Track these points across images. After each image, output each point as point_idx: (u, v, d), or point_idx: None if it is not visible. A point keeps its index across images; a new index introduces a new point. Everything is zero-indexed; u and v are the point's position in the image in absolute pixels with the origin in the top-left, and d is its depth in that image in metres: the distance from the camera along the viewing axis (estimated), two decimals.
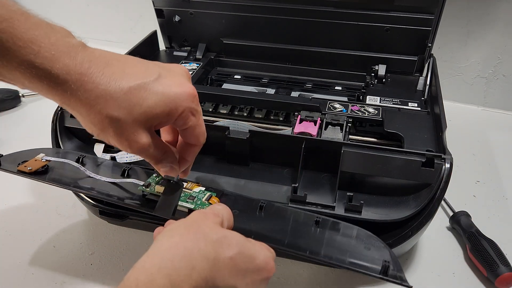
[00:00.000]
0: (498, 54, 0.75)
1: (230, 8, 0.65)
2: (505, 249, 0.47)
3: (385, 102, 0.56)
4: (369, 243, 0.36)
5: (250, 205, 0.39)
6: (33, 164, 0.42)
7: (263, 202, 0.39)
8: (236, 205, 0.38)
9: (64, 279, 0.47)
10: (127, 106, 0.30)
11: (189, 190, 0.39)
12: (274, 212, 0.39)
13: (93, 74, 0.29)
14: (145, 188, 0.39)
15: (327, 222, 0.38)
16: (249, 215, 0.38)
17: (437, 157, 0.41)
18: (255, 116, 0.57)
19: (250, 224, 0.37)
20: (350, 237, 0.37)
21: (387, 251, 0.35)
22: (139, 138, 0.31)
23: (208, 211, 0.32)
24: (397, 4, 0.59)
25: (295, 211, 0.39)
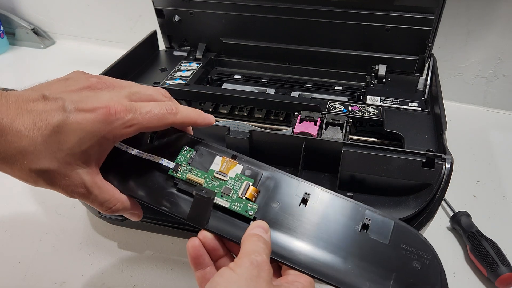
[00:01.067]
0: (499, 54, 0.75)
1: (230, 8, 0.65)
2: (505, 249, 0.47)
3: (385, 102, 0.56)
4: (420, 256, 0.32)
5: (291, 195, 0.35)
6: None
7: (307, 193, 0.35)
8: (275, 193, 0.35)
9: (64, 279, 0.47)
10: (48, 154, 0.28)
11: (223, 177, 0.35)
12: (317, 206, 0.34)
13: (5, 130, 0.27)
14: (176, 174, 0.35)
15: (377, 223, 0.33)
16: (288, 212, 0.34)
17: (438, 157, 0.41)
18: (255, 116, 0.57)
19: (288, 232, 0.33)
20: (400, 247, 0.33)
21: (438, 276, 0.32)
22: (75, 179, 0.30)
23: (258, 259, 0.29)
24: (398, 4, 0.59)
25: (343, 203, 0.35)
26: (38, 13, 1.03)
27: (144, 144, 0.36)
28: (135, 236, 0.52)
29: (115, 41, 1.01)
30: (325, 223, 0.34)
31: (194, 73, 0.63)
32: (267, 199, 0.35)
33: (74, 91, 0.30)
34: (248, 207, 0.34)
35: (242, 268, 0.28)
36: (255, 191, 0.35)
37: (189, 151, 0.36)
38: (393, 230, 0.33)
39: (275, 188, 0.35)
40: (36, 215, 0.55)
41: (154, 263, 0.48)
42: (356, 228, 0.33)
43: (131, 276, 0.47)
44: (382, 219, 0.34)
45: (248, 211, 0.33)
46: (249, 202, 0.34)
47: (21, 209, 0.56)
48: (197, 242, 0.32)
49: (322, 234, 0.33)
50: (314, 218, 0.34)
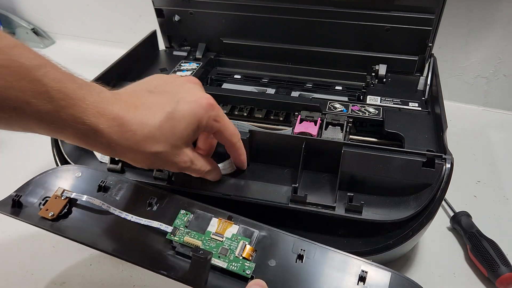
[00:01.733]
0: (499, 54, 0.75)
1: (230, 7, 0.65)
2: (505, 249, 0.47)
3: (385, 102, 0.56)
4: None
5: (287, 252, 0.36)
6: (54, 205, 0.39)
7: (302, 249, 0.35)
8: (271, 251, 0.36)
9: (63, 280, 0.47)
10: (164, 139, 0.34)
11: (220, 238, 0.36)
12: (313, 261, 0.35)
13: (128, 123, 0.33)
14: (173, 237, 0.36)
15: (373, 276, 0.34)
16: (285, 268, 0.35)
17: (438, 157, 0.41)
18: (255, 116, 0.56)
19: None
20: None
21: None
22: (182, 158, 0.36)
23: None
24: (398, 4, 0.59)
25: (339, 258, 0.35)
26: (38, 13, 1.03)
27: (142, 209, 0.39)
28: None
29: (115, 41, 1.00)
30: (323, 279, 0.34)
31: (194, 73, 0.63)
32: (264, 257, 0.35)
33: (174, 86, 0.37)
34: (245, 266, 0.34)
35: None
36: (252, 250, 0.35)
37: (186, 214, 0.38)
38: (391, 281, 0.34)
39: (271, 246, 0.36)
40: None
41: None
42: (353, 282, 0.34)
43: (131, 276, 0.47)
44: (378, 271, 0.34)
45: (245, 270, 0.34)
46: (246, 261, 0.35)
47: None
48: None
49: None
50: (311, 274, 0.34)
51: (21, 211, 0.40)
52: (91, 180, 0.42)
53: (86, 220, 0.39)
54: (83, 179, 0.42)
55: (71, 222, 0.39)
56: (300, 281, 0.34)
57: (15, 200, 0.40)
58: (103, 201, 0.39)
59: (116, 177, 0.42)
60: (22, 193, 0.41)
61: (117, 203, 0.40)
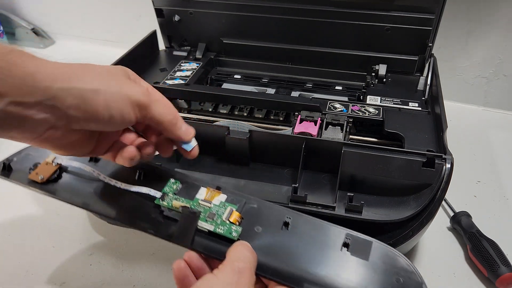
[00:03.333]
0: (499, 54, 0.75)
1: (230, 7, 0.65)
2: (505, 249, 0.47)
3: (385, 102, 0.56)
4: (402, 272, 0.33)
5: (274, 220, 0.36)
6: (44, 169, 0.40)
7: (288, 217, 0.36)
8: (259, 219, 0.36)
9: (63, 280, 0.47)
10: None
11: (208, 204, 0.37)
12: (299, 229, 0.36)
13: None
14: (162, 202, 0.37)
15: (357, 243, 0.35)
16: (271, 234, 0.35)
17: (438, 157, 0.41)
18: (255, 116, 0.57)
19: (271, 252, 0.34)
20: (382, 264, 0.34)
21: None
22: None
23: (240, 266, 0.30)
24: (398, 4, 0.59)
25: (323, 227, 0.36)
26: (38, 13, 1.03)
27: (132, 178, 0.39)
28: (135, 236, 0.52)
29: (115, 41, 1.00)
30: (307, 244, 0.35)
31: (194, 73, 0.63)
32: (250, 224, 0.36)
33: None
34: (232, 229, 0.35)
35: (223, 273, 0.29)
36: (239, 216, 0.36)
37: (175, 183, 0.38)
38: (373, 249, 0.34)
39: (258, 214, 0.37)
40: (36, 215, 0.55)
41: (154, 263, 0.48)
42: (337, 247, 0.34)
43: (131, 276, 0.47)
44: (361, 239, 0.35)
45: (232, 233, 0.34)
46: (233, 225, 0.35)
47: (21, 209, 0.56)
48: (183, 264, 0.33)
49: (304, 254, 0.34)
50: (296, 240, 0.35)
51: (11, 174, 0.41)
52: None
53: (76, 185, 0.40)
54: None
55: (61, 186, 0.40)
56: (285, 247, 0.35)
57: (5, 164, 0.41)
58: (94, 169, 0.40)
59: None
60: (13, 159, 0.42)
61: (107, 172, 0.40)
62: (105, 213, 0.38)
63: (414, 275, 0.34)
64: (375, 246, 0.35)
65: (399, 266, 0.34)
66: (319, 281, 0.33)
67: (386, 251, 0.35)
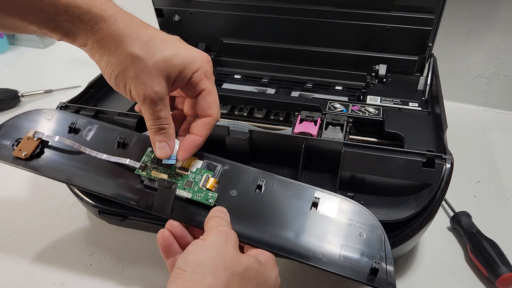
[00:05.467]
0: (499, 54, 0.75)
1: (230, 7, 0.65)
2: (505, 249, 0.47)
3: (385, 102, 0.56)
4: (365, 227, 0.36)
5: (248, 183, 0.39)
6: (27, 145, 0.41)
7: (261, 179, 0.38)
8: (233, 182, 0.39)
9: (63, 280, 0.47)
10: (150, 49, 0.33)
11: (185, 172, 0.38)
12: (271, 191, 0.38)
13: (124, 16, 0.33)
14: (141, 172, 0.39)
15: (325, 201, 0.38)
16: (245, 197, 0.38)
17: (438, 157, 0.41)
18: (255, 116, 0.56)
19: (246, 216, 0.37)
20: (347, 220, 0.37)
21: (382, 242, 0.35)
22: (155, 83, 0.33)
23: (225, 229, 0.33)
24: (398, 4, 0.59)
25: (294, 187, 0.39)
26: None
27: (111, 148, 0.41)
28: (135, 236, 0.52)
29: None
30: (279, 205, 0.37)
31: None
32: (226, 188, 0.38)
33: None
34: (208, 196, 0.37)
35: (211, 237, 0.32)
36: (215, 182, 0.38)
37: (153, 151, 0.39)
38: (340, 206, 0.38)
39: (233, 178, 0.39)
40: (36, 215, 0.55)
41: (154, 263, 0.48)
42: (306, 207, 0.37)
43: (131, 276, 0.47)
44: (330, 198, 0.38)
45: (208, 200, 0.37)
46: (210, 192, 0.37)
47: (21, 209, 0.56)
48: (167, 233, 0.35)
49: (276, 215, 0.37)
50: (269, 201, 0.38)
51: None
52: (61, 122, 0.44)
53: (59, 159, 0.41)
54: (54, 121, 0.44)
55: (44, 162, 0.41)
56: (258, 208, 0.37)
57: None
58: (74, 141, 0.41)
59: (85, 119, 0.44)
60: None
61: (87, 144, 0.42)
62: (88, 187, 0.39)
63: (376, 229, 0.36)
64: (342, 202, 0.38)
65: (364, 221, 0.37)
66: (289, 242, 0.35)
67: (353, 207, 0.37)
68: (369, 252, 0.35)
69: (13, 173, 0.62)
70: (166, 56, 0.33)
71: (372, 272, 0.33)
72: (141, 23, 0.34)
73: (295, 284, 0.46)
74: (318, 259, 0.34)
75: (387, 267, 0.34)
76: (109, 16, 0.31)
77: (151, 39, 0.33)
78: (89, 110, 0.50)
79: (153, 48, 0.33)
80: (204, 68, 0.36)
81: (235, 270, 0.30)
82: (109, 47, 0.32)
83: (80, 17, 0.31)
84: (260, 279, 0.31)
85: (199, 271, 0.29)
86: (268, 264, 0.33)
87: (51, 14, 0.30)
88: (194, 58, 0.35)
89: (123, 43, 0.32)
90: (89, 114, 0.49)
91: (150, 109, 0.34)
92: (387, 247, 0.35)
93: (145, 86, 0.33)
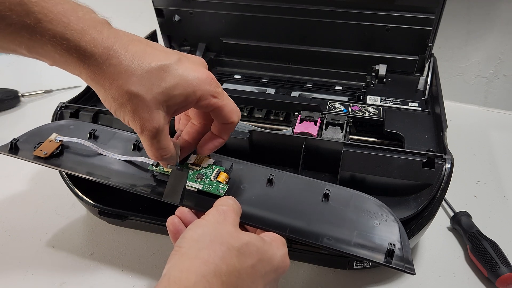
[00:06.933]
0: (499, 54, 0.75)
1: (230, 7, 0.65)
2: (506, 249, 0.47)
3: (385, 102, 0.56)
4: (379, 216, 0.36)
5: (259, 178, 0.39)
6: (48, 146, 0.43)
7: (272, 174, 0.39)
8: (245, 178, 0.39)
9: (63, 280, 0.47)
10: (147, 84, 0.31)
11: (197, 167, 0.39)
12: (282, 185, 0.39)
13: (117, 50, 0.30)
14: (155, 168, 0.40)
15: (336, 194, 0.38)
16: (256, 190, 0.38)
17: (438, 157, 0.41)
18: (255, 116, 0.56)
19: (256, 204, 0.37)
20: (360, 211, 0.37)
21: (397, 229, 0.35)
22: (153, 117, 0.32)
23: (224, 208, 0.33)
24: (398, 4, 0.59)
25: (305, 181, 0.39)
26: None
27: (128, 151, 0.43)
28: (135, 236, 0.52)
29: None
30: (290, 198, 0.38)
31: None
32: (237, 182, 0.39)
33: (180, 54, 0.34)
34: (219, 187, 0.38)
35: (209, 215, 0.32)
36: (226, 176, 0.39)
37: None
38: (352, 199, 0.38)
39: (244, 175, 0.40)
40: (36, 215, 0.55)
41: (154, 263, 0.48)
42: (318, 198, 0.38)
43: (131, 276, 0.47)
44: (341, 191, 0.38)
45: (219, 190, 0.38)
46: (220, 184, 0.38)
47: (21, 209, 0.56)
48: (176, 219, 0.35)
49: (288, 206, 0.38)
50: (280, 194, 0.38)
51: (18, 152, 0.44)
52: (82, 131, 0.46)
53: (77, 158, 0.43)
54: (75, 129, 0.47)
55: (63, 160, 0.43)
56: (269, 200, 0.38)
57: (13, 143, 0.45)
58: (93, 144, 0.43)
59: (105, 128, 0.47)
60: (19, 139, 0.45)
61: (106, 148, 0.44)
62: (106, 180, 0.40)
63: (390, 218, 0.36)
64: (353, 195, 0.38)
65: (377, 211, 0.37)
66: (301, 227, 0.35)
67: (364, 200, 0.38)
68: (384, 237, 0.35)
69: (13, 173, 0.62)
70: (165, 88, 0.31)
71: (388, 254, 0.33)
72: (136, 52, 0.31)
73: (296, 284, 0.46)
74: (331, 242, 0.34)
75: (403, 251, 0.34)
76: (100, 53, 0.29)
77: (148, 72, 0.31)
78: (89, 110, 0.50)
79: (150, 81, 0.31)
80: (208, 90, 0.34)
81: (232, 245, 0.29)
82: (103, 84, 0.31)
83: (69, 51, 0.29)
84: (263, 256, 0.31)
85: (195, 246, 0.29)
86: (274, 243, 0.33)
87: (39, 42, 0.29)
88: (195, 86, 0.33)
89: (117, 80, 0.30)
90: (89, 114, 0.50)
91: (148, 140, 0.33)
92: (402, 232, 0.35)
93: (143, 120, 0.32)
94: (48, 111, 0.51)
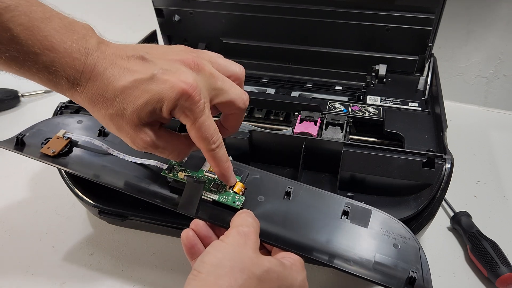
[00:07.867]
0: (499, 54, 0.75)
1: (230, 7, 0.65)
2: (505, 249, 0.47)
3: (385, 102, 0.56)
4: (399, 238, 0.35)
5: (276, 190, 0.38)
6: (56, 144, 0.42)
7: (290, 187, 0.37)
8: (261, 189, 0.38)
9: (63, 280, 0.47)
10: (121, 106, 0.31)
11: (212, 175, 0.38)
12: (299, 198, 0.37)
13: (95, 78, 0.30)
14: (168, 174, 0.38)
15: (356, 211, 0.36)
16: (274, 203, 0.37)
17: (438, 157, 0.41)
18: (255, 116, 0.56)
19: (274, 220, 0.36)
20: (380, 231, 0.35)
21: (417, 253, 0.34)
22: (139, 132, 0.32)
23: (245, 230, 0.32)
24: (398, 4, 0.59)
25: (323, 195, 0.38)
26: None
27: (139, 152, 0.40)
28: (135, 236, 0.52)
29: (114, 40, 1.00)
30: (309, 212, 0.36)
31: None
32: (253, 194, 0.37)
33: (169, 60, 0.32)
34: (235, 198, 0.36)
35: (229, 237, 0.31)
36: (243, 186, 0.37)
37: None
38: (372, 217, 0.36)
39: (261, 185, 0.38)
40: (36, 215, 0.55)
41: (154, 263, 0.48)
42: (337, 215, 0.36)
43: (131, 276, 0.47)
44: (361, 208, 0.37)
45: (235, 202, 0.36)
46: (237, 195, 0.36)
47: (21, 209, 0.56)
48: (191, 233, 0.34)
49: (306, 221, 0.36)
50: (298, 208, 0.36)
51: (24, 148, 0.42)
52: (92, 126, 0.45)
53: (86, 158, 0.41)
54: (84, 125, 0.45)
55: (71, 159, 0.41)
56: (287, 215, 0.36)
57: (18, 138, 0.42)
58: (103, 143, 0.41)
59: None
60: (26, 134, 0.43)
61: (116, 147, 0.42)
62: (114, 184, 0.39)
63: (411, 240, 0.35)
64: (374, 214, 0.36)
65: (397, 232, 0.35)
66: (319, 246, 0.34)
67: (384, 219, 0.36)
68: (405, 262, 0.33)
69: (13, 173, 0.62)
70: (136, 107, 0.30)
71: (409, 281, 0.32)
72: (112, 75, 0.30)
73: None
74: (350, 265, 0.33)
75: (424, 278, 0.33)
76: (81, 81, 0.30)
77: (122, 92, 0.30)
78: None
79: (124, 102, 0.30)
80: (175, 104, 0.31)
81: (253, 273, 0.29)
82: (88, 107, 0.32)
83: (49, 77, 0.30)
84: (283, 283, 0.30)
85: (214, 273, 0.28)
86: (294, 267, 0.32)
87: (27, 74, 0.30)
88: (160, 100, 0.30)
89: (97, 105, 0.31)
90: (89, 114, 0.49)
91: (147, 150, 0.33)
92: (423, 258, 0.34)
93: (131, 139, 0.32)
94: (48, 111, 0.51)
